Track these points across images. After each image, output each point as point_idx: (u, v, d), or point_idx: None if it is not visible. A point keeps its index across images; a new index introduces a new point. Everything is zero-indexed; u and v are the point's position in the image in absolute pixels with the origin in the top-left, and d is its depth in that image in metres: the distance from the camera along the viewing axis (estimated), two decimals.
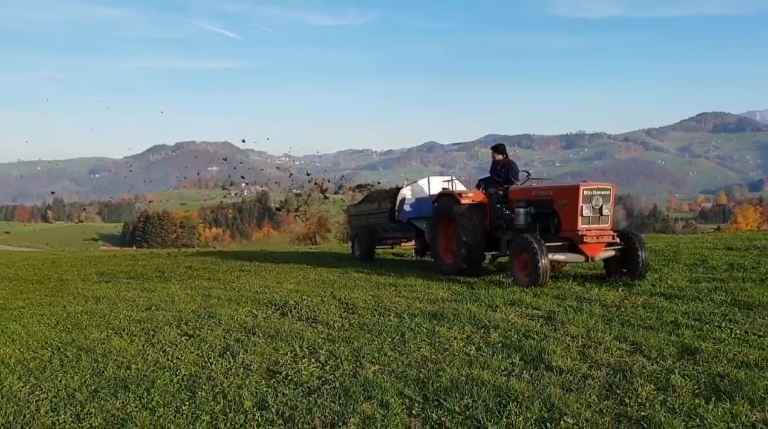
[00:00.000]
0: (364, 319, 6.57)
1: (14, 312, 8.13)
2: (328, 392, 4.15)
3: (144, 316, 7.30)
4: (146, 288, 10.07)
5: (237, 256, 16.46)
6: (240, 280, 10.58)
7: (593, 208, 8.63)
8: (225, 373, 4.74)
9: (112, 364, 5.11)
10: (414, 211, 12.60)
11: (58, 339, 6.19)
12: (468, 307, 6.84)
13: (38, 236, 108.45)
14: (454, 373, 4.42)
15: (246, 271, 12.10)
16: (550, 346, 5.05)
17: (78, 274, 12.98)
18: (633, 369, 4.37)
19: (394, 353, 5.10)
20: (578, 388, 4.04)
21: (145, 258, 17.38)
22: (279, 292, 8.72)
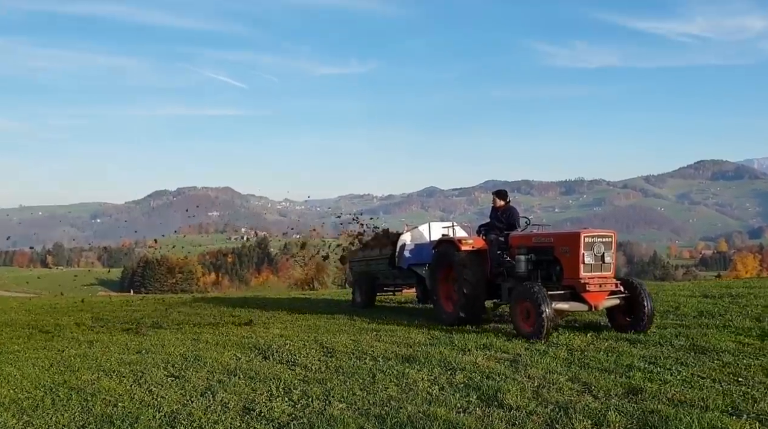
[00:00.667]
0: (341, 362, 6.97)
1: (10, 355, 8.51)
2: (295, 426, 4.54)
3: (134, 359, 7.69)
4: (138, 333, 10.45)
5: (231, 302, 16.82)
6: (229, 325, 10.97)
7: (595, 255, 8.47)
8: (204, 410, 5.13)
9: (101, 403, 5.49)
10: (414, 257, 12.53)
11: (50, 380, 6.57)
12: (440, 351, 7.25)
13: (37, 282, 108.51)
14: (413, 409, 4.82)
15: (236, 316, 12.49)
16: (507, 386, 5.45)
17: (73, 320, 13.35)
18: (576, 407, 4.76)
19: (363, 393, 5.50)
20: (522, 423, 4.44)
21: (141, 304, 17.74)
22: (264, 337, 9.11)
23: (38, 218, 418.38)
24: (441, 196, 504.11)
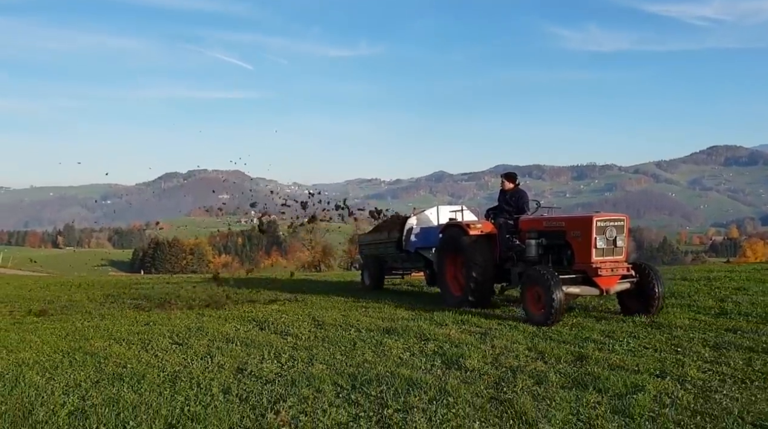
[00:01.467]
0: (328, 332, 7.69)
1: (30, 326, 9.31)
2: (279, 382, 5.26)
3: (142, 330, 8.44)
4: (147, 307, 11.24)
5: (236, 282, 17.56)
6: (231, 301, 11.73)
7: (607, 239, 8.40)
8: (202, 370, 5.85)
9: (112, 364, 6.23)
10: (421, 241, 12.57)
11: (67, 346, 7.33)
12: (419, 324, 7.95)
13: (48, 262, 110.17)
14: (383, 370, 5.53)
15: (239, 294, 13.25)
16: (470, 353, 6.14)
17: (86, 296, 14.17)
18: (525, 369, 5.45)
19: (343, 357, 6.21)
20: (473, 381, 5.13)
21: (151, 282, 18.56)
22: (263, 312, 9.85)
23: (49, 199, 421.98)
24: (450, 180, 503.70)
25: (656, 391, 4.71)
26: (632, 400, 4.44)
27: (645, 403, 4.38)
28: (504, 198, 10.42)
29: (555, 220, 9.35)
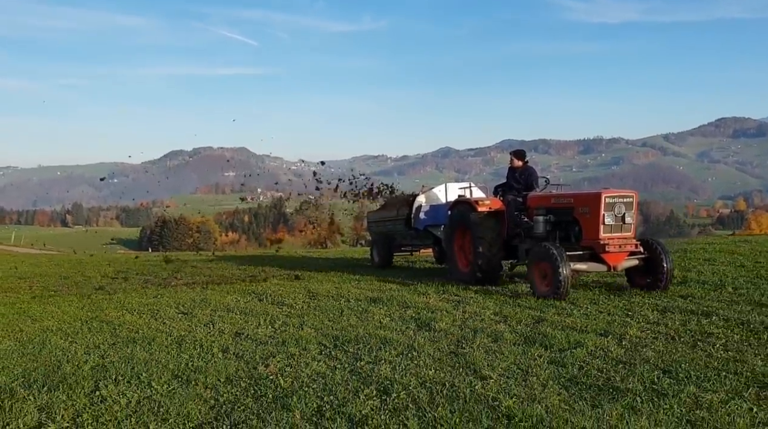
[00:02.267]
0: (320, 302, 8.49)
1: (49, 298, 10.16)
2: (271, 343, 6.05)
3: (151, 302, 9.26)
4: (155, 283, 12.09)
5: (241, 260, 18.38)
6: (235, 277, 12.56)
7: (615, 216, 8.44)
8: (205, 334, 6.65)
9: (125, 330, 7.05)
10: (430, 218, 12.63)
11: (85, 316, 8.16)
12: (403, 294, 8.75)
13: (57, 240, 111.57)
14: (362, 331, 6.32)
15: (242, 270, 14.07)
16: (442, 317, 6.93)
17: (98, 272, 15.03)
18: (486, 330, 6.22)
19: (330, 322, 7.01)
20: (438, 339, 5.91)
21: (158, 260, 19.39)
22: (262, 286, 10.65)
23: (57, 178, 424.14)
24: (456, 156, 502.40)
25: (594, 346, 5.47)
26: (570, 354, 5.21)
27: (579, 356, 5.15)
28: (513, 175, 10.49)
29: (563, 196, 9.41)
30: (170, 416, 4.08)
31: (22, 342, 6.64)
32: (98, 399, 4.46)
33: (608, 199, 8.44)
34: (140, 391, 4.62)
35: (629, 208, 8.55)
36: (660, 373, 4.66)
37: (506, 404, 4.00)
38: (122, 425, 3.96)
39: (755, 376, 4.51)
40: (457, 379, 4.63)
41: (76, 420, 4.07)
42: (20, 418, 4.11)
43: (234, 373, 5.00)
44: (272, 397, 4.40)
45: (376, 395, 4.35)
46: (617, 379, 4.53)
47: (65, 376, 5.08)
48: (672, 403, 3.97)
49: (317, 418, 3.98)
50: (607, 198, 8.44)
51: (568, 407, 3.96)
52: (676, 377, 4.55)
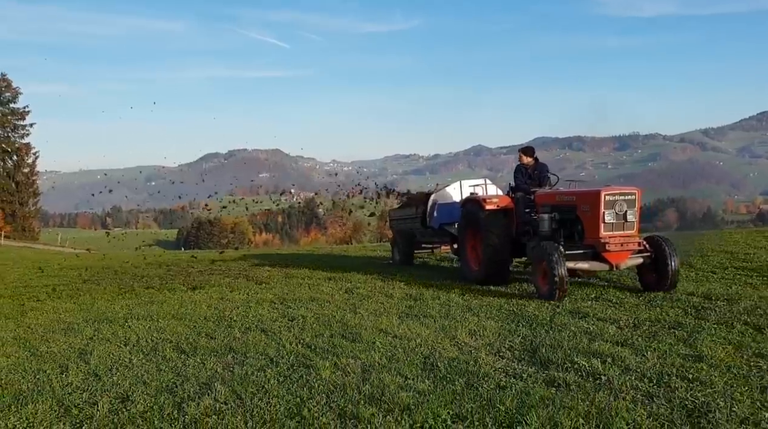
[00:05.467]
0: (291, 279, 11.42)
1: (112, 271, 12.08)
2: (243, 303, 8.55)
3: (193, 281, 11.03)
4: (180, 271, 13.95)
5: (266, 258, 20.14)
6: (251, 270, 14.35)
7: (616, 214, 8.30)
8: (198, 298, 8.43)
9: (145, 298, 8.89)
10: (445, 216, 12.72)
11: (126, 299, 10.03)
12: (357, 276, 11.25)
13: (98, 242, 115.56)
14: (308, 296, 9.17)
15: (256, 265, 15.80)
16: (376, 294, 9.51)
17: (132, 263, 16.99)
18: (453, 313, 8.00)
19: (287, 290, 9.75)
20: (366, 296, 7.81)
21: (186, 256, 21.30)
22: (260, 272, 12.81)
23: (97, 182, 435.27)
24: (488, 154, 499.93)
25: (519, 309, 7.38)
26: (497, 313, 7.19)
27: (500, 315, 6.79)
28: (525, 172, 10.40)
29: (567, 194, 9.30)
30: (168, 334, 6.89)
31: (82, 304, 9.48)
32: (127, 327, 7.17)
33: (608, 197, 8.33)
34: (152, 323, 7.29)
35: (631, 205, 8.40)
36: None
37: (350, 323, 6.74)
38: (141, 338, 6.71)
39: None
40: (342, 315, 7.50)
41: (114, 335, 6.70)
42: (82, 332, 6.75)
43: (210, 315, 7.57)
44: (226, 324, 7.29)
45: (288, 321, 7.32)
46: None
47: (107, 318, 7.35)
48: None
49: (243, 332, 6.85)
50: (607, 196, 8.33)
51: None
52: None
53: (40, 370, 5.68)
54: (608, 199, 8.32)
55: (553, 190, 9.87)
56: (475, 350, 5.67)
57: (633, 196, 8.45)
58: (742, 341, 5.65)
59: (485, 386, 4.61)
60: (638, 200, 8.48)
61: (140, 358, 5.98)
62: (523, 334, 6.25)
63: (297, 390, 4.71)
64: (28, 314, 8.95)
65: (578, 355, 5.31)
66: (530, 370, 5.02)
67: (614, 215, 8.32)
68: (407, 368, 5.14)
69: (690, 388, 4.41)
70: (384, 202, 45.25)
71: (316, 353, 5.83)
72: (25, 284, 13.56)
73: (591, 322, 6.67)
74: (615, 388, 4.46)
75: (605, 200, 8.30)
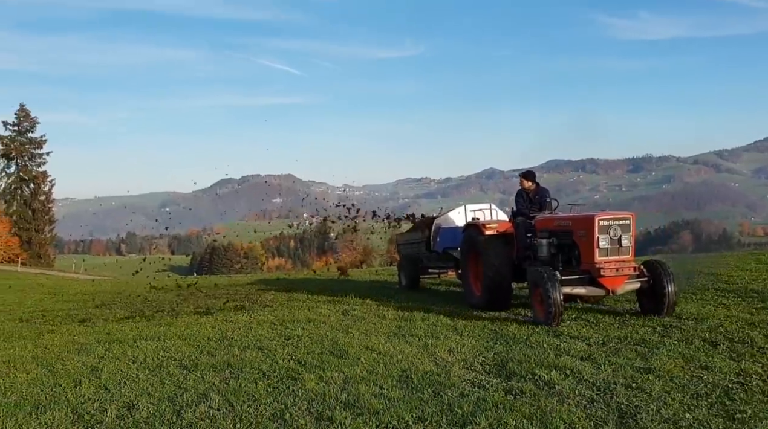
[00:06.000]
0: (292, 302, 11.93)
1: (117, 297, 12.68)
2: (245, 324, 8.78)
3: (200, 305, 11.70)
4: (189, 296, 14.60)
5: (271, 282, 20.76)
6: (255, 295, 14.98)
7: (611, 238, 8.34)
8: (203, 320, 9.07)
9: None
10: (448, 241, 12.69)
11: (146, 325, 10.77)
12: (355, 299, 12.02)
13: (111, 268, 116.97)
14: (306, 318, 9.75)
15: (262, 289, 16.45)
16: (370, 316, 10.00)
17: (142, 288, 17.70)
18: (427, 320, 8.52)
19: (288, 311, 10.31)
20: (360, 318, 8.35)
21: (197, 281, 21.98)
22: (263, 297, 13.39)
23: (111, 208, 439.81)
24: (501, 177, 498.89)
25: (500, 329, 8.73)
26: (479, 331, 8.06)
27: (482, 334, 8.22)
28: (526, 197, 10.43)
29: (563, 219, 9.31)
30: (173, 353, 7.61)
31: (94, 326, 10.38)
32: (135, 346, 8.11)
33: (602, 222, 8.40)
34: (159, 344, 8.14)
35: (626, 230, 8.46)
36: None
37: (341, 342, 7.46)
38: (148, 356, 7.50)
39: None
40: (334, 334, 8.21)
41: (124, 354, 7.66)
42: (94, 352, 7.79)
43: (213, 336, 8.44)
44: (227, 344, 7.95)
45: (285, 340, 7.95)
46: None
47: (118, 339, 8.85)
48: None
49: (241, 350, 7.54)
50: (601, 221, 8.41)
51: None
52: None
53: (56, 384, 6.28)
54: (602, 225, 8.40)
55: (551, 215, 9.87)
56: (450, 364, 6.22)
57: (627, 220, 8.52)
58: (694, 355, 6.17)
59: (449, 394, 5.18)
60: (633, 225, 8.56)
61: (146, 373, 6.58)
62: (497, 351, 6.80)
63: (283, 398, 5.30)
64: (44, 336, 9.57)
65: (541, 368, 5.85)
66: (494, 381, 5.57)
67: (609, 240, 8.37)
68: (384, 380, 5.71)
69: (629, 395, 4.96)
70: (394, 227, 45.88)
71: (305, 367, 6.41)
72: (42, 309, 14.23)
73: (563, 340, 7.20)
74: (563, 395, 5.01)
75: (599, 225, 8.38)
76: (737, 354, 6.20)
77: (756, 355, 6.11)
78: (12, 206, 63.79)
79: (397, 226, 38.96)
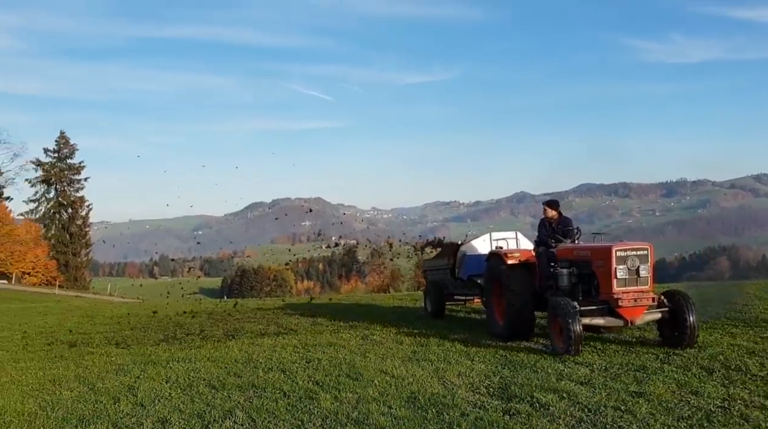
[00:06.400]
0: (317, 326, 12.47)
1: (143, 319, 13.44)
2: (270, 345, 9.28)
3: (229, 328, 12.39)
4: (219, 320, 15.32)
5: (297, 307, 21.37)
6: (282, 318, 15.69)
7: (629, 269, 8.39)
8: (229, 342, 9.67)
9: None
10: (473, 268, 12.62)
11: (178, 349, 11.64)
12: (376, 325, 12.61)
13: (145, 290, 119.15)
14: (327, 342, 10.33)
15: (288, 314, 17.10)
16: (431, 345, 9.86)
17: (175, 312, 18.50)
18: (442, 345, 9.02)
19: (310, 335, 10.99)
20: (378, 342, 9.43)
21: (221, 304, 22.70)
22: (290, 320, 13.90)
23: (145, 231, 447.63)
24: (532, 201, 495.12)
25: (511, 354, 9.26)
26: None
27: (493, 360, 8.82)
28: (549, 226, 10.47)
29: (583, 249, 9.36)
30: (202, 373, 8.23)
31: (130, 348, 11.08)
32: (168, 367, 8.78)
33: (619, 253, 8.46)
34: (190, 365, 8.86)
35: (644, 261, 8.50)
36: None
37: (358, 365, 7.89)
38: (179, 376, 8.10)
39: None
40: (352, 358, 8.73)
41: (158, 374, 8.29)
42: (131, 372, 8.49)
43: (239, 358, 9.15)
44: (252, 366, 8.57)
45: (306, 363, 8.49)
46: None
47: (152, 360, 9.42)
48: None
49: (265, 371, 8.12)
50: (619, 251, 8.46)
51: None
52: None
53: (97, 401, 6.91)
54: (620, 255, 8.44)
55: (572, 245, 9.85)
56: (457, 387, 6.71)
57: (645, 251, 8.56)
58: (688, 381, 6.56)
59: (451, 414, 5.67)
60: (651, 256, 8.59)
61: (178, 392, 7.18)
62: (503, 375, 7.26)
63: (300, 415, 5.86)
64: (85, 357, 10.26)
65: (540, 391, 6.31)
66: (495, 402, 6.04)
67: (626, 271, 8.41)
68: (393, 401, 6.22)
69: (615, 416, 5.40)
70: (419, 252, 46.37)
71: (322, 388, 6.96)
72: (81, 331, 15.01)
73: (568, 365, 7.62)
74: (555, 416, 5.47)
75: (617, 256, 8.42)
76: (729, 380, 6.58)
77: (747, 382, 6.47)
78: (50, 230, 65.93)
79: (421, 252, 39.52)
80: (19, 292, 43.01)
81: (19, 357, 10.84)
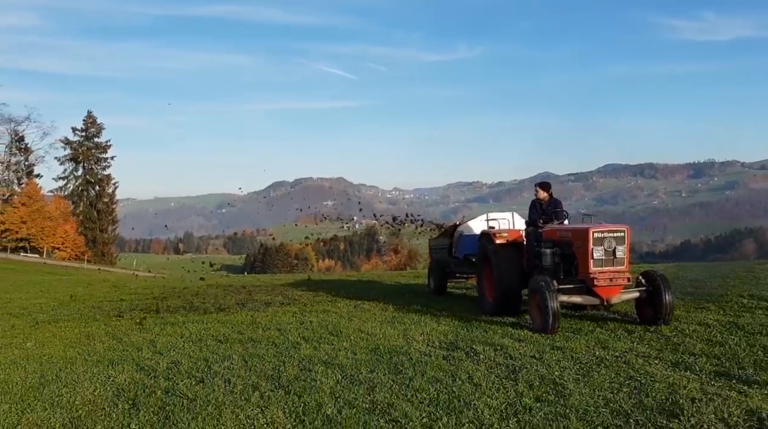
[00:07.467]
0: (317, 297, 13.13)
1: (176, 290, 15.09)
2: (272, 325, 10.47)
3: (241, 298, 13.96)
4: (233, 292, 16.90)
5: (303, 283, 22.97)
6: (290, 291, 17.15)
7: (605, 250, 8.72)
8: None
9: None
10: (469, 247, 13.11)
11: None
12: (372, 297, 13.75)
13: (171, 266, 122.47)
14: (322, 309, 11.54)
15: (296, 288, 18.62)
16: (375, 309, 11.41)
17: (196, 284, 20.12)
18: (428, 323, 10.33)
19: (312, 306, 11.65)
20: (366, 310, 10.63)
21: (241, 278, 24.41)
22: (295, 292, 15.19)
23: (171, 209, 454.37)
24: (555, 181, 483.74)
25: (474, 316, 10.04)
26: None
27: (456, 323, 9.64)
28: (540, 207, 10.74)
29: (565, 230, 9.66)
30: (212, 331, 9.78)
31: (152, 312, 12.52)
32: (184, 327, 10.20)
33: (596, 234, 8.78)
34: (202, 325, 10.44)
35: (620, 242, 8.83)
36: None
37: (341, 326, 8.79)
38: (192, 333, 9.62)
39: None
40: (338, 321, 10.19)
41: (175, 331, 9.72)
42: (152, 330, 9.79)
43: (244, 320, 10.51)
44: (254, 326, 10.25)
45: (299, 324, 10.03)
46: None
47: (170, 322, 10.94)
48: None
49: (264, 330, 9.80)
50: (596, 233, 8.79)
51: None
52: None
53: (124, 350, 8.54)
54: (597, 237, 8.78)
55: (556, 226, 10.15)
56: (416, 342, 8.17)
57: (622, 233, 8.89)
58: (605, 339, 7.92)
59: (401, 358, 7.16)
60: (628, 237, 8.93)
61: (190, 344, 8.77)
62: (458, 333, 8.71)
63: (283, 359, 7.41)
64: (113, 319, 11.97)
65: (479, 344, 7.74)
66: (439, 351, 7.51)
67: (603, 252, 8.76)
68: (359, 350, 7.74)
69: (527, 362, 6.81)
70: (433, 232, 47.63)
71: (307, 341, 8.51)
72: (110, 299, 16.78)
73: (519, 328, 8.97)
74: (480, 360, 6.93)
75: (594, 237, 8.76)
76: (641, 340, 7.91)
77: (652, 341, 7.75)
78: (79, 207, 68.51)
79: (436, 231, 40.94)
80: (50, 266, 45.34)
81: (58, 318, 12.58)
